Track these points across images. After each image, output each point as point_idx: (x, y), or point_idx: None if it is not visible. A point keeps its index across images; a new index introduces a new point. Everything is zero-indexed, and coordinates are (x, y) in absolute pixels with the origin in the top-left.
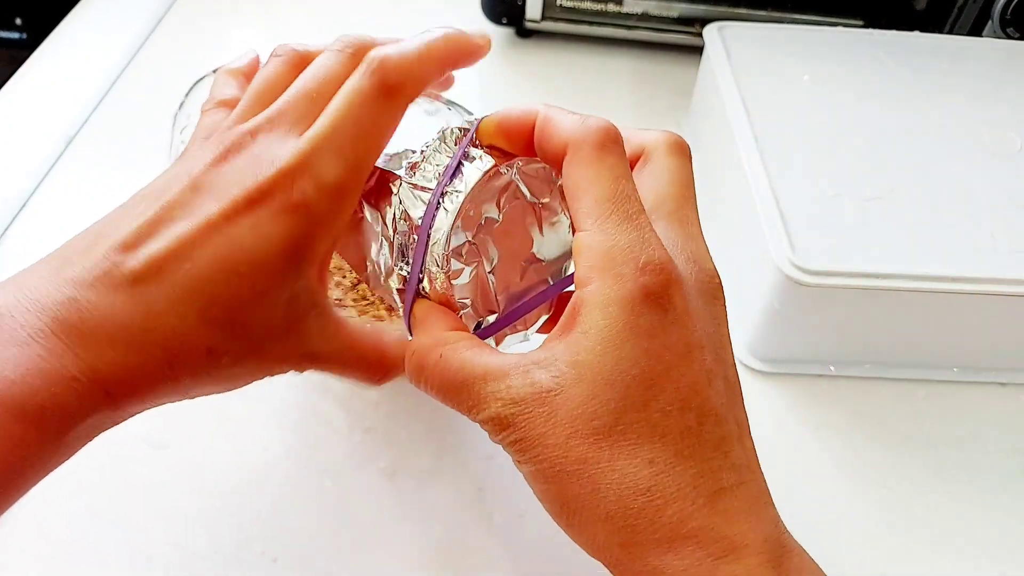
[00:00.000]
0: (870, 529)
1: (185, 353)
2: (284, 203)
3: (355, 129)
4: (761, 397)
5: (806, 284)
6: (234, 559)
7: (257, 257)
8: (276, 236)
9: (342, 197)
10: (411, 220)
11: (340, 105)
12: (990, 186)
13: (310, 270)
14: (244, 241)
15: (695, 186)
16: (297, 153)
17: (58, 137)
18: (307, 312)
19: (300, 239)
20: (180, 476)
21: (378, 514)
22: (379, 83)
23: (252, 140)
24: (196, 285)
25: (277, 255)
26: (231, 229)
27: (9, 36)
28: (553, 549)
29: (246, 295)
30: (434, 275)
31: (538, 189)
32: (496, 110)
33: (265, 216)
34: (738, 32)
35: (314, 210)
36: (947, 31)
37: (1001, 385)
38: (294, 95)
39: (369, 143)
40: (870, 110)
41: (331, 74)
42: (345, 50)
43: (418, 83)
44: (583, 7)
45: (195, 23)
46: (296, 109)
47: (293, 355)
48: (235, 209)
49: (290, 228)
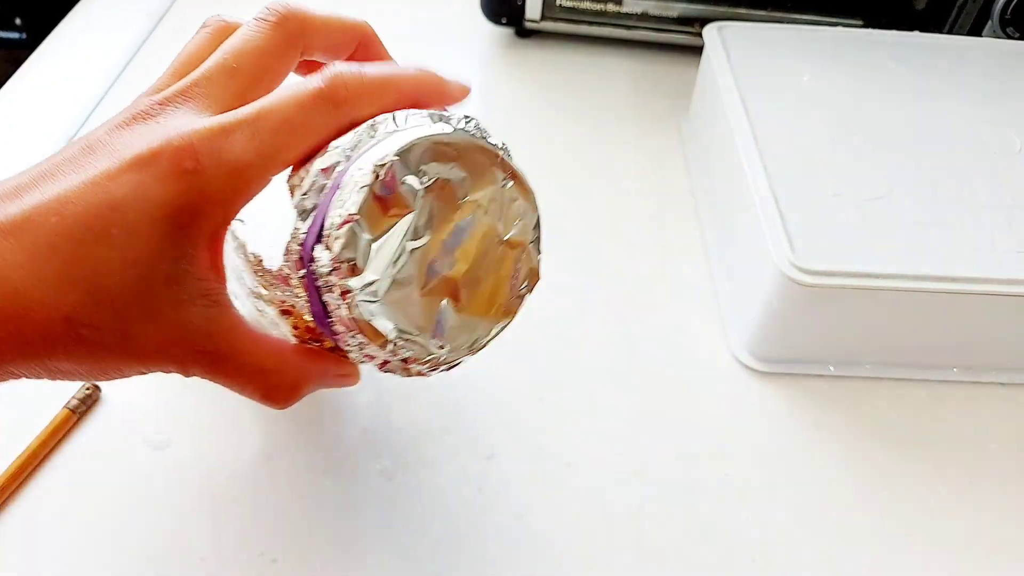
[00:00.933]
0: (870, 529)
1: (38, 316)
2: (174, 166)
3: (281, 121)
4: (760, 397)
5: (806, 284)
6: (234, 559)
7: (131, 218)
8: (157, 199)
9: (240, 178)
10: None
11: (277, 96)
12: (990, 186)
13: (195, 251)
14: (121, 200)
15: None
16: (207, 124)
17: (58, 137)
18: (192, 300)
19: (184, 209)
20: (180, 476)
21: (378, 514)
22: (328, 93)
23: (161, 109)
24: (60, 242)
25: (154, 221)
26: (110, 186)
27: (9, 36)
28: (553, 549)
29: (115, 260)
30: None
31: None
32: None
33: (150, 177)
34: (738, 32)
35: (206, 181)
36: (947, 31)
37: (1001, 385)
38: (211, 66)
39: (289, 137)
40: (870, 110)
41: (251, 44)
42: (268, 19)
43: (368, 108)
44: (583, 7)
45: (195, 23)
46: (211, 80)
47: (172, 348)
48: (120, 168)
49: (174, 194)
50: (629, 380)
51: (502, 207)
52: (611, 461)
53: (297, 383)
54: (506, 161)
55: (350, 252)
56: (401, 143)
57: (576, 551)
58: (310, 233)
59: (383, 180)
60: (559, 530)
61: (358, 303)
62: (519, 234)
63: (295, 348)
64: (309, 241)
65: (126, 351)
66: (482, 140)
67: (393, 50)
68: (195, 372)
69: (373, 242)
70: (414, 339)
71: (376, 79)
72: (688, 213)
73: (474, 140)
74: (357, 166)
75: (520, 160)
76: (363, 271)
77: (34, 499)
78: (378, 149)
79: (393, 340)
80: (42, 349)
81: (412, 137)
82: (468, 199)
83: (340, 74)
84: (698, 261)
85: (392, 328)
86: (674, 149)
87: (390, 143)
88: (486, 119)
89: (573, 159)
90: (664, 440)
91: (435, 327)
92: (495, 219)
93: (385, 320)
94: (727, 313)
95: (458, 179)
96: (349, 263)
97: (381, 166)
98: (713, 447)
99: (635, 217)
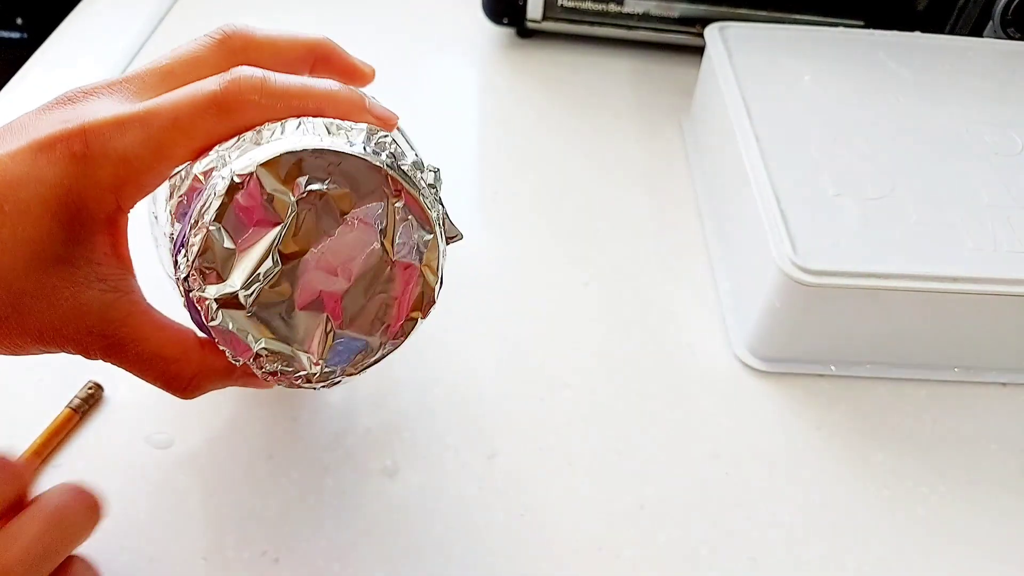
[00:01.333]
0: (870, 529)
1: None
2: (65, 150)
3: (171, 119)
4: (761, 397)
5: (807, 284)
6: (236, 559)
7: (23, 197)
8: (48, 179)
9: (128, 168)
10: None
11: (175, 94)
12: (990, 186)
13: (89, 236)
14: (15, 179)
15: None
16: (107, 114)
17: None
18: (88, 283)
19: (72, 191)
20: (181, 476)
21: (379, 514)
22: (222, 97)
23: (83, 98)
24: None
25: (45, 201)
26: (9, 164)
27: (9, 36)
28: (553, 549)
29: (6, 236)
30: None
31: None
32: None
33: (44, 159)
34: (739, 32)
35: (93, 166)
36: (948, 31)
37: (1002, 385)
38: (147, 66)
39: (177, 136)
40: (871, 110)
41: (190, 54)
42: (214, 35)
43: (265, 115)
44: (584, 7)
45: (195, 23)
46: (142, 80)
47: (67, 329)
48: (22, 149)
49: (63, 176)
50: (630, 379)
51: (392, 226)
52: (612, 461)
53: (199, 375)
54: (395, 179)
55: (207, 260)
56: (272, 152)
57: (577, 551)
58: (178, 237)
59: (247, 189)
60: (560, 529)
61: (215, 313)
62: (411, 255)
63: (202, 341)
64: (176, 245)
65: (21, 326)
66: (369, 155)
67: (394, 50)
68: (96, 355)
69: (234, 252)
70: (283, 353)
71: (278, 88)
72: (689, 213)
73: (355, 154)
74: (221, 174)
75: (520, 160)
76: (224, 280)
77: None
78: (246, 157)
79: (256, 352)
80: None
81: (286, 147)
82: (351, 215)
83: (238, 79)
84: (699, 260)
85: (255, 340)
86: (675, 149)
87: (261, 151)
88: (487, 119)
89: (574, 159)
90: (665, 440)
91: (309, 342)
92: (383, 237)
93: (248, 332)
94: (728, 312)
95: (338, 193)
96: (206, 271)
97: (244, 174)
98: (713, 447)
99: (636, 217)
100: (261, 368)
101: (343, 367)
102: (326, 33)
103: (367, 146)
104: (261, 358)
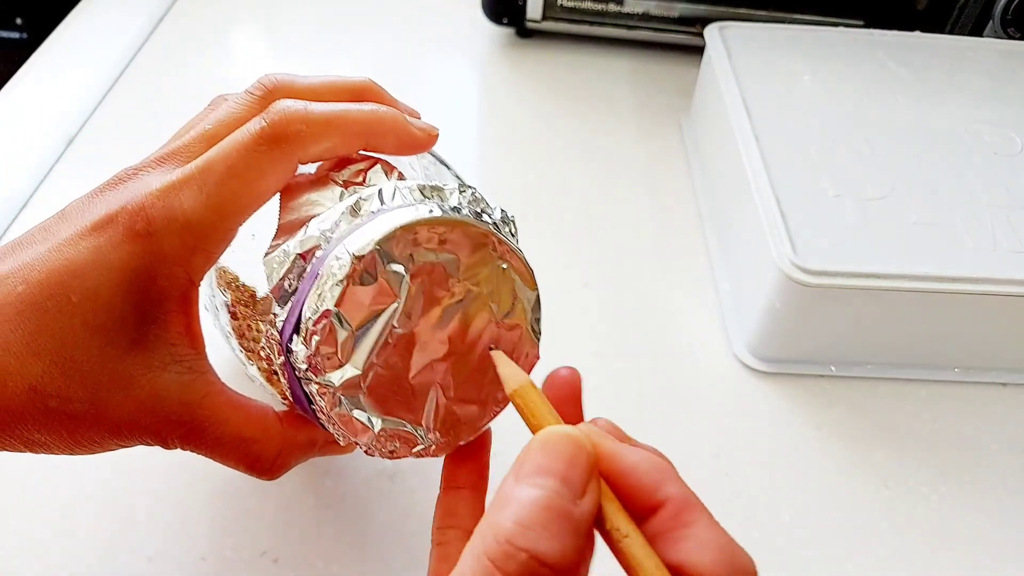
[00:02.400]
0: (870, 529)
1: (4, 385)
2: (127, 229)
3: (225, 169)
4: (761, 397)
5: (807, 284)
6: (235, 559)
7: (90, 285)
8: (114, 263)
9: (194, 235)
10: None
11: (220, 145)
12: (990, 186)
13: (163, 314)
14: (80, 266)
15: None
16: (160, 184)
17: (58, 137)
18: (163, 366)
19: (141, 272)
20: (181, 476)
21: (379, 514)
22: (269, 131)
23: (135, 175)
24: (24, 309)
25: (114, 285)
26: (70, 252)
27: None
28: None
29: (78, 327)
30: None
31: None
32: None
33: (106, 242)
34: (739, 32)
35: (158, 241)
36: (948, 31)
37: (1002, 385)
38: (191, 135)
39: (236, 186)
40: (871, 110)
41: (232, 116)
42: (255, 91)
43: (314, 144)
44: (584, 7)
45: (195, 23)
46: (188, 149)
47: (146, 419)
48: (81, 233)
49: (130, 258)
50: (630, 379)
51: (497, 287)
52: None
53: (283, 453)
54: (502, 240)
55: (328, 347)
56: (384, 230)
57: None
58: (288, 322)
59: (363, 270)
60: None
61: (339, 399)
62: (516, 315)
63: (281, 416)
64: (287, 330)
65: (99, 422)
66: (474, 219)
67: (394, 50)
68: (174, 444)
69: (354, 334)
70: (400, 431)
71: (322, 115)
72: (689, 213)
73: (465, 220)
74: (335, 255)
75: (520, 160)
76: (343, 365)
77: (36, 498)
78: (359, 235)
79: (377, 434)
80: (9, 420)
81: (396, 222)
82: (459, 282)
83: (282, 111)
84: (699, 261)
85: (376, 421)
86: (675, 149)
87: (372, 228)
88: (486, 119)
89: (574, 159)
90: (664, 440)
91: (424, 416)
92: (489, 300)
93: (367, 414)
94: (728, 312)
95: (448, 262)
96: (328, 357)
97: (360, 257)
98: (713, 447)
99: (636, 217)
100: (378, 448)
101: (458, 435)
102: (325, 33)
103: (469, 208)
104: (381, 439)
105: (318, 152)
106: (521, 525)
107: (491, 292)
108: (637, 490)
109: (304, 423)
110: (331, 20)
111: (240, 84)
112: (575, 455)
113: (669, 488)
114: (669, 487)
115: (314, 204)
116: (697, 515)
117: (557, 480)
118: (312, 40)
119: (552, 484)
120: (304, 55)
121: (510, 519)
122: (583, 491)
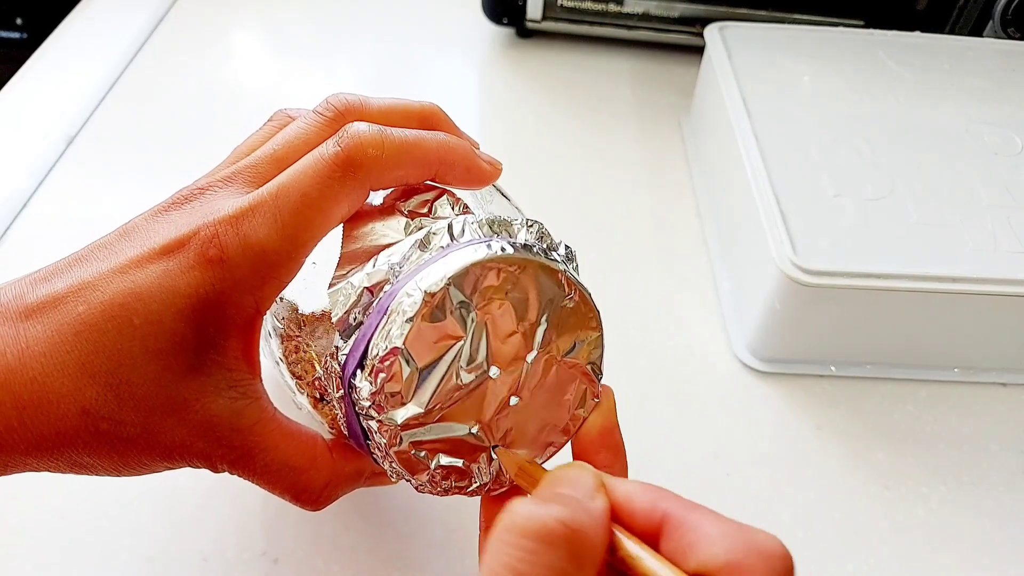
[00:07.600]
0: (870, 529)
1: (54, 408)
2: (199, 256)
3: (300, 197)
4: (761, 397)
5: (807, 284)
6: (235, 559)
7: (154, 309)
8: (182, 289)
9: (266, 263)
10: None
11: (294, 169)
12: (990, 186)
13: (224, 340)
14: (146, 289)
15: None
16: (232, 209)
17: (58, 137)
18: (218, 391)
19: (209, 298)
20: (181, 476)
21: (379, 515)
22: (344, 157)
23: (201, 195)
24: (83, 330)
25: (179, 311)
26: (136, 275)
27: (9, 36)
28: None
29: (137, 351)
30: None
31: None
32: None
33: (175, 267)
34: (739, 32)
35: (231, 269)
36: (948, 31)
37: (1002, 385)
38: (259, 155)
39: (311, 214)
40: (870, 110)
41: (301, 137)
42: (325, 113)
43: (388, 172)
44: (584, 7)
45: (196, 23)
46: (256, 169)
47: (198, 443)
48: (148, 256)
49: (198, 283)
50: (630, 379)
51: (562, 326)
52: None
53: (330, 484)
54: (571, 281)
55: (394, 385)
56: (455, 267)
57: None
58: (351, 356)
59: (436, 307)
60: None
61: (400, 437)
62: (579, 354)
63: (329, 445)
64: (350, 365)
65: (150, 445)
66: (543, 258)
67: (394, 50)
68: (223, 468)
69: (419, 372)
70: (457, 467)
71: (397, 142)
72: (689, 213)
73: (535, 260)
74: (406, 291)
75: (520, 160)
76: (407, 403)
77: (36, 498)
78: (431, 272)
79: (432, 472)
80: (58, 442)
81: (468, 259)
82: (526, 321)
83: (357, 135)
84: (699, 261)
85: (434, 460)
86: (675, 149)
87: (444, 265)
88: (486, 119)
89: (574, 159)
90: (664, 440)
91: (483, 456)
92: (555, 338)
93: (426, 453)
94: (728, 313)
95: (516, 301)
96: (392, 395)
97: (432, 294)
98: (713, 447)
99: (636, 217)
100: (432, 486)
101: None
102: (324, 34)
103: (538, 243)
104: (434, 477)
105: (391, 180)
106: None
107: (556, 331)
108: (637, 514)
109: (353, 454)
110: (331, 20)
111: (240, 84)
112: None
113: (665, 503)
114: (664, 502)
115: (379, 235)
116: (699, 516)
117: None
118: (312, 40)
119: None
120: (304, 55)
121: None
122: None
